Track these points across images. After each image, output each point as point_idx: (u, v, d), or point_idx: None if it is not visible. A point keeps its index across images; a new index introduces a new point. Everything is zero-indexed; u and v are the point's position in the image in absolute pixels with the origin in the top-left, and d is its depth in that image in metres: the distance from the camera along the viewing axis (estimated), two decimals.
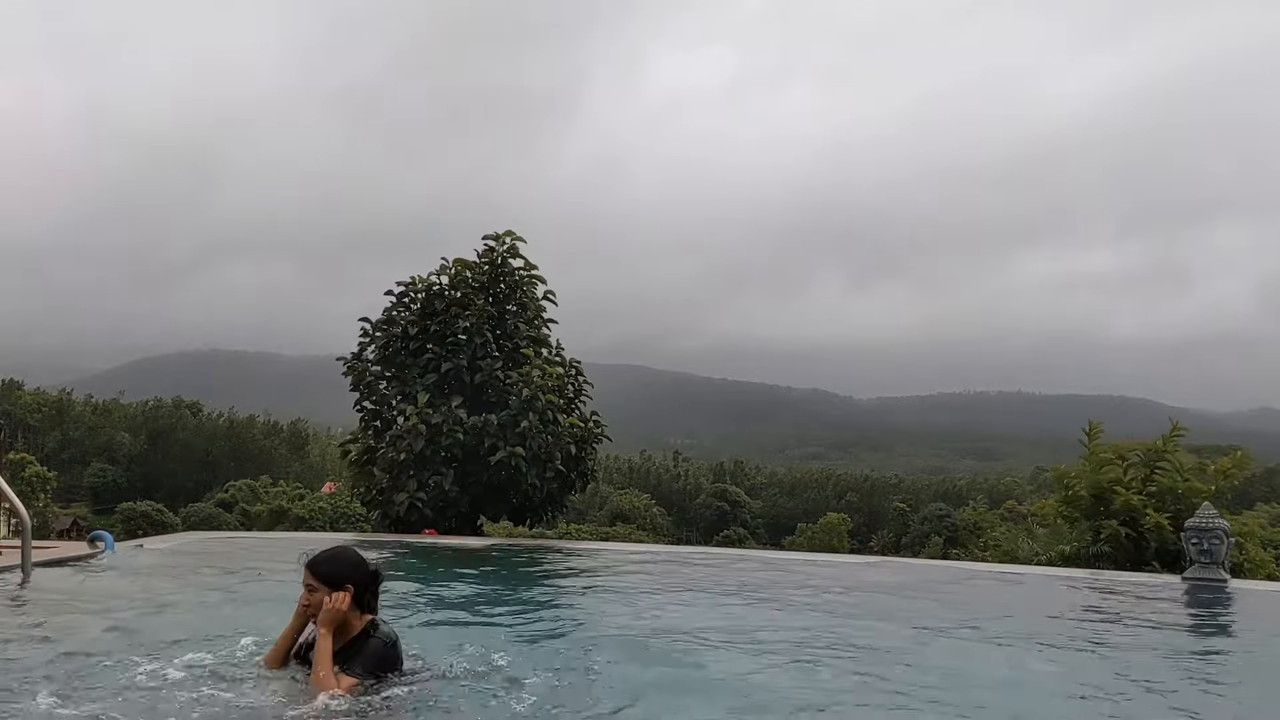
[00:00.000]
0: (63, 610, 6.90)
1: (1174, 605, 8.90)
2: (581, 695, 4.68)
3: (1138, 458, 13.24)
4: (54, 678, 4.66)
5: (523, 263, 19.47)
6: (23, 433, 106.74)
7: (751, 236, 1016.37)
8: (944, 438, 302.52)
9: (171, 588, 8.30)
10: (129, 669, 4.80)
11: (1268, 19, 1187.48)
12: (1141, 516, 12.39)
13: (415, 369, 18.58)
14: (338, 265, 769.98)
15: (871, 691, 5.02)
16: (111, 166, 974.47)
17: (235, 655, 5.12)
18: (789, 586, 9.74)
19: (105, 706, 4.16)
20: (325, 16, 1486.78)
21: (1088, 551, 12.91)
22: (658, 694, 4.83)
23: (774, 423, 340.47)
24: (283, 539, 15.38)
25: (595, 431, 19.23)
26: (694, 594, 9.09)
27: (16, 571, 8.06)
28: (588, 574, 11.19)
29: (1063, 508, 13.76)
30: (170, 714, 4.11)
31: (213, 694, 4.37)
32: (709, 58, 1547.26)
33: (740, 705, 4.66)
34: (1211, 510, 10.38)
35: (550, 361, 18.97)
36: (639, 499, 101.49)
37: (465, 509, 18.07)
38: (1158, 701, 5.00)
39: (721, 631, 6.58)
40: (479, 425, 17.57)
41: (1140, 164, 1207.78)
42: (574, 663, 5.39)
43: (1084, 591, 9.62)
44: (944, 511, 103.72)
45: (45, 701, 4.24)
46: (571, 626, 7.12)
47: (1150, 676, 5.54)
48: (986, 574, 11.57)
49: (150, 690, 4.43)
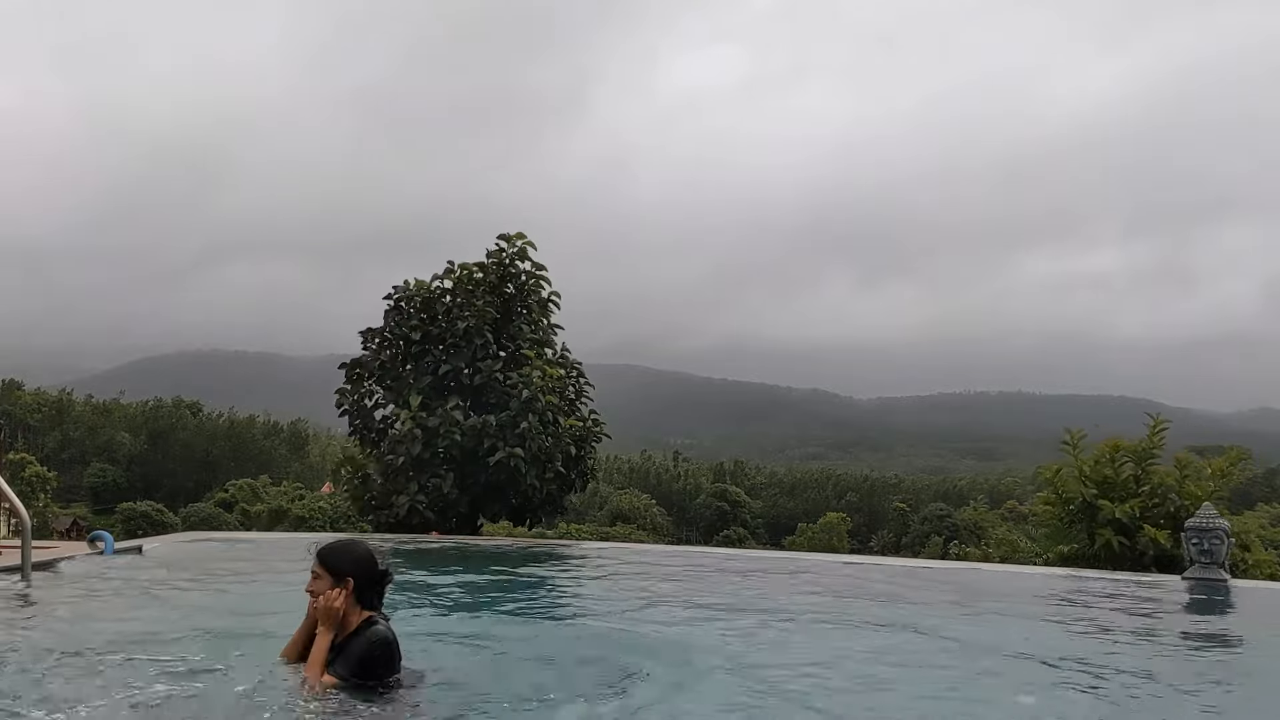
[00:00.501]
0: (62, 610, 6.89)
1: (1174, 605, 8.89)
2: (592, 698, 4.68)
3: (1128, 458, 13.13)
4: (54, 678, 4.66)
5: (531, 265, 19.48)
6: (23, 433, 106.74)
7: (752, 237, 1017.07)
8: (944, 438, 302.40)
9: (171, 587, 8.30)
10: (129, 668, 4.80)
11: (1269, 19, 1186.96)
12: (1136, 531, 12.29)
13: (411, 373, 18.59)
14: (339, 265, 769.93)
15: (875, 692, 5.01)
16: (112, 166, 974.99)
17: (235, 652, 5.13)
18: (782, 587, 9.74)
19: (105, 706, 4.16)
20: (332, 17, 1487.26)
21: (1087, 552, 12.88)
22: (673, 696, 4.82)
23: (774, 423, 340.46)
24: (284, 539, 15.40)
25: (594, 431, 19.25)
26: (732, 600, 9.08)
27: (16, 572, 8.05)
28: (609, 575, 11.18)
29: (1056, 509, 13.68)
30: (171, 712, 4.11)
31: (213, 693, 4.37)
32: (717, 57, 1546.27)
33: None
34: (1212, 510, 10.37)
35: (551, 363, 18.98)
36: (639, 499, 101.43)
37: (465, 510, 18.08)
38: (1158, 701, 5.00)
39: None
40: (477, 427, 17.58)
41: (1143, 164, 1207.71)
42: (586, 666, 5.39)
43: (1083, 591, 9.62)
44: (944, 511, 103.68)
45: (45, 702, 4.23)
46: (590, 630, 7.12)
47: (1150, 676, 5.54)
48: (989, 573, 11.56)
49: (150, 690, 4.43)
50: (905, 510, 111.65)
